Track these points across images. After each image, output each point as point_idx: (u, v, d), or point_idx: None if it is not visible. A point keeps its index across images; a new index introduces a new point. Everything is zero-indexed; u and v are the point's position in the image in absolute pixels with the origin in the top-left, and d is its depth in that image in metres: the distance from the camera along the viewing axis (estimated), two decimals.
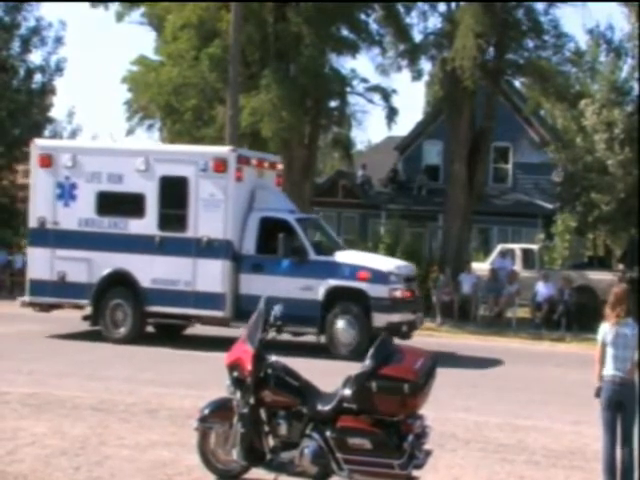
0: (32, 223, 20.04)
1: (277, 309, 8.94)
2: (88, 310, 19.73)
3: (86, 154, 19.82)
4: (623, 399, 9.04)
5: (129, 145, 22.74)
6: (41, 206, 19.85)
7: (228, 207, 18.71)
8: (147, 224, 19.11)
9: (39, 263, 19.79)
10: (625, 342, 9.07)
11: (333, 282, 18.26)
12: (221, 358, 9.12)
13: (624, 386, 9.04)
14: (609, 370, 9.11)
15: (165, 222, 19.05)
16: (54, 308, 20.42)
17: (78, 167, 19.53)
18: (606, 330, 9.20)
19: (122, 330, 19.14)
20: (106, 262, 19.21)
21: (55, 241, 19.58)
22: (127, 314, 19.20)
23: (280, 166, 21.75)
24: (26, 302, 20.21)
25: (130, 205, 19.23)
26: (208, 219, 18.67)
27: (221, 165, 18.68)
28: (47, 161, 19.80)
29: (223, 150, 19.56)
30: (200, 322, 19.33)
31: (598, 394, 9.18)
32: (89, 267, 19.32)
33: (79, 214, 19.50)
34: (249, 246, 18.88)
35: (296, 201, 31.71)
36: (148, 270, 18.96)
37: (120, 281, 19.25)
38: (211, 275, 18.66)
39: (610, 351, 9.11)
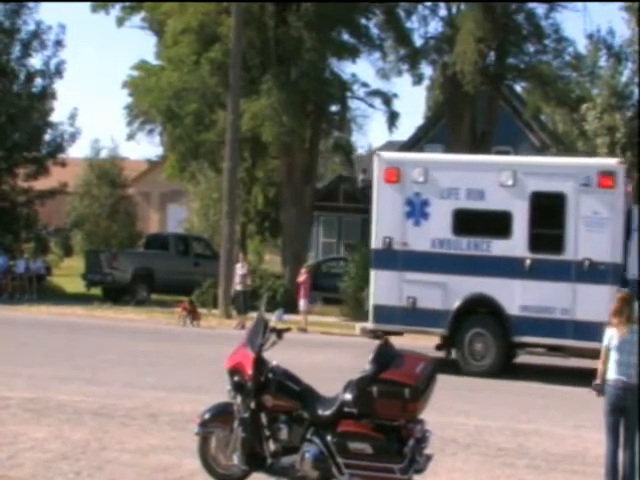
0: (376, 244, 18.27)
1: (278, 313, 8.94)
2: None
3: (440, 168, 18.14)
4: (626, 404, 9.06)
5: (492, 158, 20.95)
6: (387, 225, 18.08)
7: (616, 226, 16.90)
8: (514, 245, 17.40)
9: (385, 287, 18.01)
10: (630, 348, 9.10)
11: None
12: (222, 363, 9.10)
13: (627, 391, 9.07)
14: (612, 374, 9.14)
15: (537, 243, 17.32)
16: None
17: (431, 182, 17.85)
18: (611, 335, 9.23)
19: (484, 362, 17.54)
20: (464, 287, 17.56)
21: (404, 263, 17.88)
22: (489, 344, 17.56)
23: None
24: (368, 329, 18.38)
25: (493, 224, 17.61)
26: (590, 240, 16.90)
27: (608, 179, 16.82)
28: (394, 176, 18.06)
29: (610, 162, 17.69)
30: (578, 355, 17.33)
31: (598, 390, 9.24)
32: (444, 292, 17.63)
33: (432, 234, 17.82)
34: (634, 269, 16.94)
35: (297, 206, 31.96)
36: (516, 296, 17.27)
37: (481, 308, 17.71)
38: (596, 302, 16.47)
39: (614, 356, 9.14)
